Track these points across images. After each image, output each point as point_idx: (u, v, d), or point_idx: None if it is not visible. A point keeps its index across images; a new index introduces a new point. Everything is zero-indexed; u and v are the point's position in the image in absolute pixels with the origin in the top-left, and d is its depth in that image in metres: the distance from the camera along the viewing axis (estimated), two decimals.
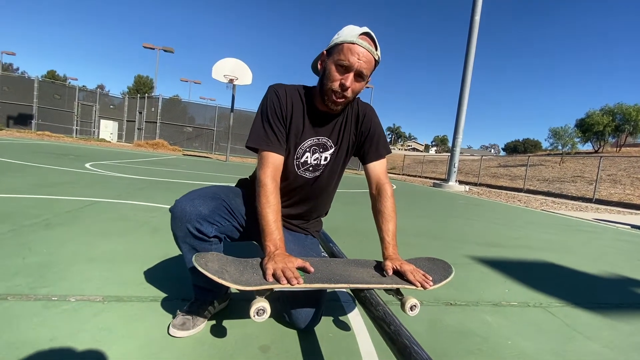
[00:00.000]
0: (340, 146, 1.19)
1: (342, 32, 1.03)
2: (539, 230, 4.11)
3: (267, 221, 0.99)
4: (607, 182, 13.95)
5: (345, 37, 1.00)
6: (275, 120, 1.09)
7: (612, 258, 2.85)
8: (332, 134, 1.17)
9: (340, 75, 1.02)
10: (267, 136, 1.08)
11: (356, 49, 0.99)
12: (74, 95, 22.43)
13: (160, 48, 24.63)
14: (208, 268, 0.83)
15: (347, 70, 1.01)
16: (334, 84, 1.03)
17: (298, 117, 1.12)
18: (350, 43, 1.00)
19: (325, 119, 1.15)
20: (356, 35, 1.00)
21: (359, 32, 1.01)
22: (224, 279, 0.81)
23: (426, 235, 3.03)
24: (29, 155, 6.69)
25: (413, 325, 1.22)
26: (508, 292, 1.73)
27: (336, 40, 1.02)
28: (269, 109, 1.09)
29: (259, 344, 1.02)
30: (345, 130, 1.18)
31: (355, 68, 1.00)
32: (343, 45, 1.00)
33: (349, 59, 0.99)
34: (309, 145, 1.15)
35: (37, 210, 2.34)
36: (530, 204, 8.11)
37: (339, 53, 1.01)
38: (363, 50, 1.00)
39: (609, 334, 1.35)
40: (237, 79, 14.06)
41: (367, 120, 1.19)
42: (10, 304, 1.08)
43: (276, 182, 1.06)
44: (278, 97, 1.10)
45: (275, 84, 1.14)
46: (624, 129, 24.95)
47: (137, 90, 40.98)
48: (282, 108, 1.10)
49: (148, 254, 1.69)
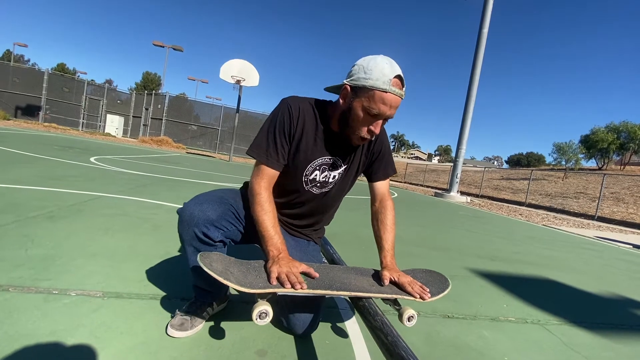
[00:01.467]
0: (351, 166, 1.18)
1: (370, 73, 0.95)
2: (540, 245, 4.09)
3: (265, 227, 1.00)
4: (610, 199, 13.86)
5: (376, 83, 0.94)
6: (280, 136, 1.07)
7: (613, 277, 2.83)
8: (343, 153, 1.15)
9: (369, 122, 0.99)
10: (268, 150, 1.06)
11: (389, 99, 0.95)
12: (82, 89, 22.68)
13: (169, 46, 24.86)
14: (213, 268, 0.84)
15: (377, 118, 0.99)
16: (362, 130, 1.01)
17: (309, 135, 1.09)
18: (383, 92, 0.94)
19: (338, 139, 1.12)
20: (388, 82, 0.93)
21: (390, 76, 0.94)
22: (228, 280, 0.82)
23: (426, 245, 3.03)
24: (36, 146, 6.75)
25: (410, 337, 1.22)
26: (506, 307, 1.73)
27: (365, 83, 0.95)
28: (277, 122, 1.07)
29: (256, 348, 1.02)
30: (357, 151, 1.16)
31: (387, 116, 0.99)
32: (374, 92, 0.94)
33: (380, 108, 0.96)
34: (319, 164, 1.13)
35: (42, 202, 2.36)
36: (531, 219, 8.07)
37: (369, 100, 0.96)
38: (395, 98, 0.96)
39: (607, 355, 1.34)
40: (244, 80, 14.15)
41: (379, 142, 1.19)
42: (12, 295, 1.09)
43: (269, 191, 1.07)
44: (290, 113, 1.07)
45: (290, 97, 1.11)
46: (628, 147, 24.84)
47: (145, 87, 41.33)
48: (292, 125, 1.07)
49: (149, 252, 1.70)
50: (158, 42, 24.48)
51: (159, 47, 24.82)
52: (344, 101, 1.03)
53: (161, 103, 21.54)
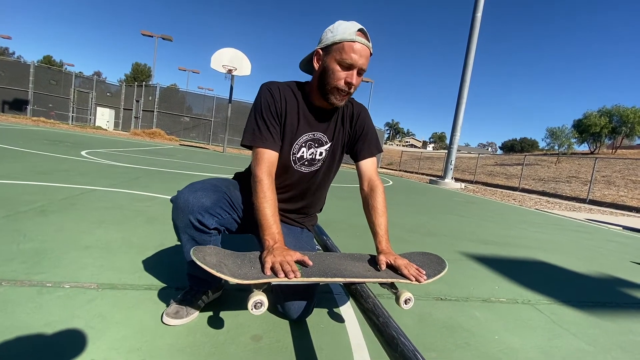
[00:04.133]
0: (335, 142, 1.21)
1: (336, 30, 1.04)
2: (532, 229, 4.16)
3: (265, 215, 1.00)
4: (602, 183, 14.08)
5: (344, 36, 1.02)
6: (269, 117, 1.10)
7: (602, 258, 2.89)
8: (327, 129, 1.19)
9: (344, 74, 1.04)
10: (262, 133, 1.09)
11: (357, 47, 1.02)
12: (70, 82, 22.10)
13: (158, 36, 24.25)
14: (206, 262, 0.84)
15: (350, 68, 1.04)
16: (339, 82, 1.05)
17: (293, 114, 1.14)
18: (351, 41, 1.01)
19: (320, 115, 1.17)
20: (354, 33, 1.01)
21: (355, 29, 1.02)
22: (222, 273, 0.82)
23: (420, 231, 3.06)
24: (24, 141, 6.63)
25: (403, 319, 1.24)
26: (498, 288, 1.76)
27: (333, 39, 1.03)
28: (262, 106, 1.10)
29: (251, 334, 1.04)
30: (340, 127, 1.20)
31: (359, 65, 1.03)
32: (343, 44, 1.02)
33: (351, 57, 1.02)
34: (304, 141, 1.17)
35: (32, 196, 2.33)
36: (524, 203, 8.18)
37: (340, 52, 1.02)
38: (362, 47, 1.03)
39: (594, 332, 1.39)
40: (236, 69, 13.92)
41: (361, 120, 1.22)
42: (5, 289, 1.09)
43: (272, 177, 1.07)
44: (272, 95, 1.11)
45: (268, 82, 1.16)
46: (620, 131, 25.13)
47: (135, 78, 40.54)
48: (277, 105, 1.11)
49: (143, 243, 1.70)
50: (146, 32, 23.84)
51: (147, 37, 24.22)
52: (318, 64, 1.09)
53: (152, 95, 21.13)
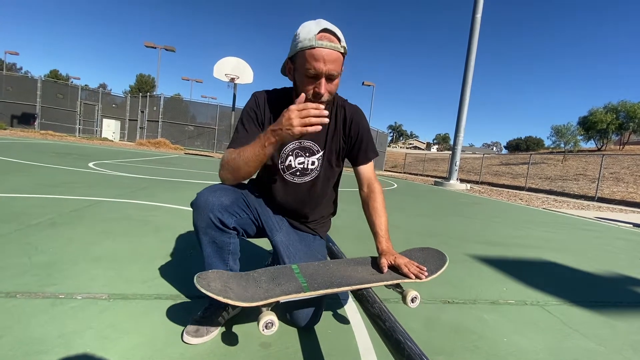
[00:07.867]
0: (329, 150, 1.19)
1: (298, 36, 0.96)
2: (540, 228, 4.12)
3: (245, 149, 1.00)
4: (610, 180, 13.89)
5: (304, 43, 0.94)
6: (249, 124, 1.11)
7: (613, 257, 2.85)
8: (317, 138, 1.15)
9: (311, 85, 0.98)
10: (239, 137, 1.09)
11: (319, 53, 0.93)
12: (77, 95, 22.50)
13: (161, 47, 24.63)
14: (211, 288, 0.82)
15: (317, 77, 0.96)
16: (308, 94, 0.99)
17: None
18: (310, 48, 0.93)
19: None
20: (314, 38, 0.92)
21: (315, 31, 0.93)
22: (229, 298, 0.80)
23: (426, 233, 3.05)
24: (33, 154, 6.75)
25: (410, 323, 1.24)
26: (506, 290, 1.75)
27: (296, 48, 0.96)
28: (245, 114, 1.13)
29: (260, 341, 1.05)
30: (333, 135, 1.18)
31: (324, 73, 0.95)
32: (304, 52, 0.94)
33: (314, 66, 0.93)
34: (291, 149, 1.16)
35: (42, 209, 2.38)
36: (531, 203, 8.10)
37: (302, 62, 0.96)
38: (327, 51, 0.93)
39: (605, 332, 1.37)
40: (239, 77, 14.06)
41: (354, 125, 1.18)
42: (19, 301, 1.12)
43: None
44: (257, 102, 1.13)
45: (258, 90, 1.18)
46: (627, 126, 24.81)
47: (139, 89, 41.07)
48: (258, 113, 1.12)
49: (151, 253, 1.72)
50: (150, 43, 24.25)
51: (151, 49, 24.62)
52: (290, 75, 1.06)
53: (156, 105, 21.41)
